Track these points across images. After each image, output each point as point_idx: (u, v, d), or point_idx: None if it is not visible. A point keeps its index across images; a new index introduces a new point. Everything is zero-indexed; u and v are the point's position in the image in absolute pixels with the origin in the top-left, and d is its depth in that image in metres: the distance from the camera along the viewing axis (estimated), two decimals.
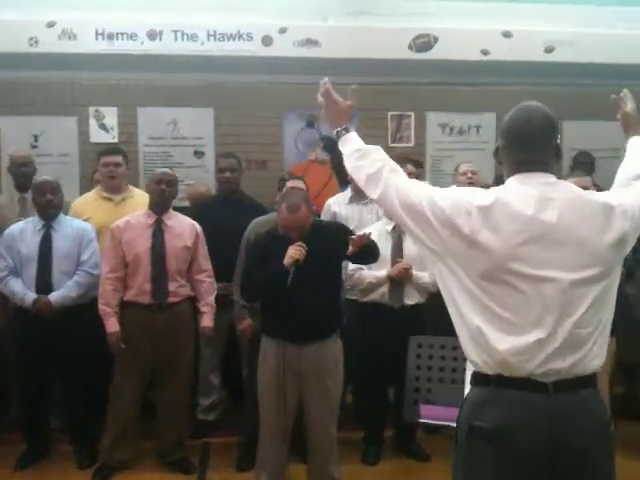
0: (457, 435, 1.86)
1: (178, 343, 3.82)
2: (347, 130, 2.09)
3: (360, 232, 3.32)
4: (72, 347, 3.77)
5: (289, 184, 3.90)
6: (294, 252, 3.13)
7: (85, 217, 4.17)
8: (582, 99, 5.76)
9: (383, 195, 1.91)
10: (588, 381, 1.79)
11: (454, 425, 2.61)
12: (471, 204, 1.78)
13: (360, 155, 2.01)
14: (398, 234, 3.97)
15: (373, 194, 1.95)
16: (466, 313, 1.80)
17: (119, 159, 4.39)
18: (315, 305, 3.19)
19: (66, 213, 4.12)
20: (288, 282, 3.08)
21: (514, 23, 5.66)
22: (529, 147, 1.86)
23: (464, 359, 2.70)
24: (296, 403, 3.36)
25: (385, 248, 3.82)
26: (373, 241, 3.37)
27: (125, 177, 4.47)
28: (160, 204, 3.87)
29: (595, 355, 1.79)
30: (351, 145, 2.05)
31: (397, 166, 1.97)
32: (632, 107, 2.30)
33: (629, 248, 1.88)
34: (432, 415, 2.73)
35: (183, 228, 3.91)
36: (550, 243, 1.76)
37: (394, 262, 3.92)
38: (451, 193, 1.88)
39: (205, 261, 3.97)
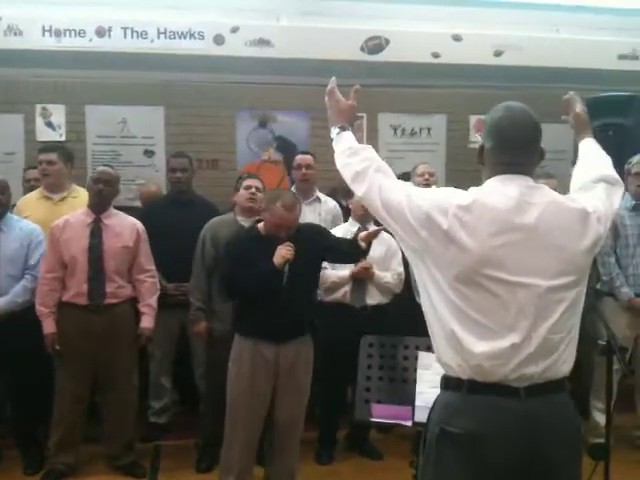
0: (426, 437, 1.85)
1: (118, 345, 3.73)
2: (343, 129, 2.11)
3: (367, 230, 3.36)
4: (16, 349, 3.65)
5: (245, 182, 3.90)
6: (286, 252, 3.15)
7: (25, 215, 4.07)
8: (530, 102, 5.85)
9: (367, 193, 1.92)
10: (559, 385, 1.81)
11: (406, 424, 2.65)
12: (450, 203, 1.77)
13: (350, 153, 2.02)
14: None
15: (358, 191, 1.95)
16: (442, 315, 1.79)
17: (52, 157, 4.25)
18: (298, 305, 3.24)
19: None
20: (284, 282, 3.14)
21: (464, 27, 5.75)
22: (517, 149, 1.86)
23: (415, 358, 2.74)
24: (268, 403, 3.35)
25: None
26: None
27: (63, 175, 4.29)
28: (98, 204, 3.79)
29: (565, 359, 1.81)
30: (344, 143, 2.07)
31: (384, 166, 1.97)
32: (582, 108, 2.34)
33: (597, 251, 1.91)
34: (383, 414, 2.74)
35: (123, 227, 3.84)
36: (528, 248, 1.76)
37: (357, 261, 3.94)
38: (431, 193, 1.89)
39: (147, 261, 3.90)
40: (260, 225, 3.39)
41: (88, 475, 3.83)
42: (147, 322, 3.84)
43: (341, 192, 4.65)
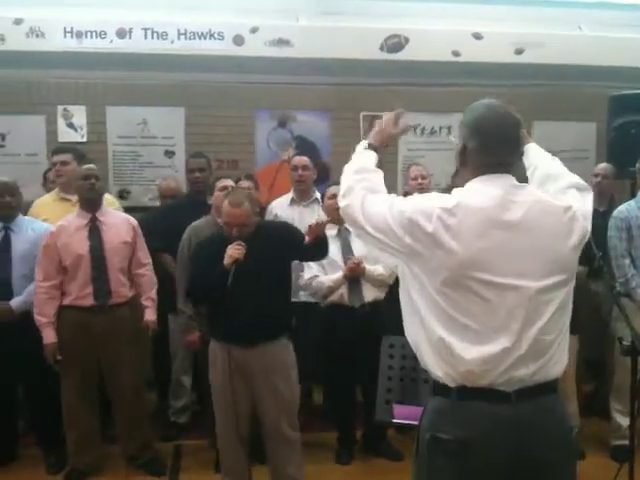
0: (418, 444, 1.85)
1: (119, 346, 3.71)
2: (372, 148, 2.12)
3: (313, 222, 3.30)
4: (32, 349, 3.64)
5: (221, 184, 3.91)
6: (233, 251, 3.10)
7: (42, 218, 4.08)
8: (551, 100, 5.83)
9: (350, 206, 1.92)
10: (550, 387, 1.79)
11: None
12: (433, 206, 1.76)
13: (357, 169, 2.02)
14: (344, 236, 3.99)
15: (341, 203, 1.96)
16: (429, 323, 1.77)
17: (66, 157, 4.25)
18: (259, 306, 3.15)
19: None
20: (228, 282, 3.03)
21: (485, 25, 5.71)
22: (503, 149, 1.84)
23: None
24: (249, 405, 3.32)
25: (334, 251, 3.84)
26: (325, 235, 3.36)
27: None
28: (91, 200, 3.75)
29: (557, 360, 1.80)
30: (361, 160, 2.07)
31: (378, 188, 1.96)
32: None
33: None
34: (405, 415, 2.72)
35: (119, 223, 3.83)
36: (515, 248, 1.74)
37: (346, 262, 3.93)
38: (413, 199, 1.87)
39: (144, 255, 3.90)
40: None
41: (109, 474, 3.86)
42: (151, 314, 3.85)
43: None
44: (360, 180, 1.96)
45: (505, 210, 1.76)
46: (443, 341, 1.75)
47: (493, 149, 1.83)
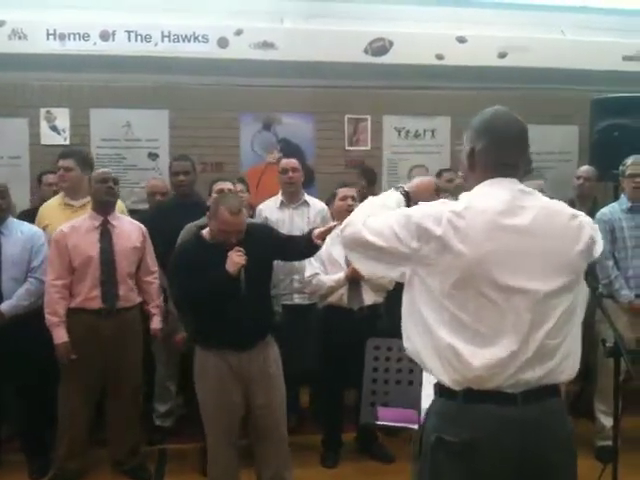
0: (422, 445, 1.83)
1: (125, 350, 3.72)
2: (400, 191, 2.09)
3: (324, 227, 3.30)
4: (20, 354, 3.62)
5: (218, 186, 3.87)
6: (238, 258, 3.07)
7: (46, 223, 4.05)
8: (534, 103, 5.87)
9: (349, 225, 1.88)
10: (554, 390, 1.80)
11: (412, 427, 2.63)
12: (442, 211, 1.75)
13: (376, 204, 1.99)
14: None
15: (345, 232, 1.90)
16: (436, 330, 1.76)
17: (69, 163, 4.19)
18: (255, 309, 3.15)
19: (14, 216, 4.00)
20: (242, 289, 3.03)
21: (468, 28, 5.75)
22: (510, 148, 1.85)
23: None
24: (242, 411, 3.30)
25: (338, 251, 3.82)
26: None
27: (81, 182, 4.19)
28: (107, 203, 3.75)
29: (565, 368, 1.80)
30: (385, 198, 2.05)
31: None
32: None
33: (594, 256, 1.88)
34: (389, 417, 2.73)
35: (130, 229, 3.84)
36: (523, 252, 1.74)
37: (349, 263, 3.93)
38: (420, 206, 1.85)
39: (153, 262, 3.91)
40: (205, 232, 3.27)
41: (95, 479, 3.83)
42: (158, 323, 3.86)
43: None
44: (370, 214, 1.91)
45: (513, 214, 1.76)
46: (452, 348, 1.73)
47: (503, 146, 1.84)
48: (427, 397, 2.53)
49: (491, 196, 1.79)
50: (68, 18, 5.23)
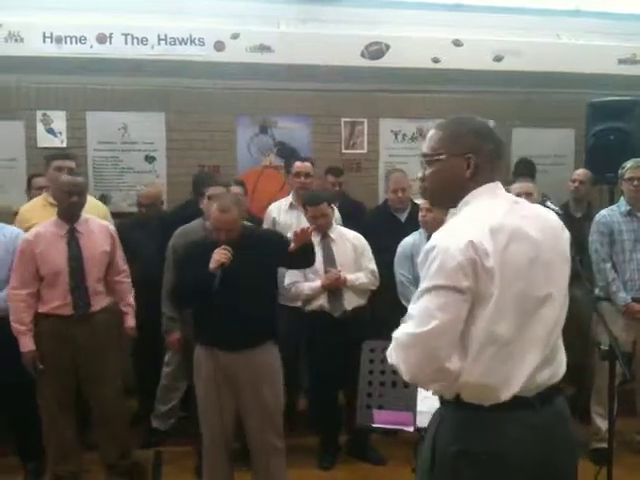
0: (433, 457, 1.78)
1: (100, 354, 3.66)
2: None
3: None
4: (7, 354, 3.55)
5: (208, 192, 3.87)
6: (220, 256, 3.10)
7: (32, 223, 4.03)
8: (530, 106, 5.89)
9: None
10: (558, 389, 1.81)
11: (407, 430, 2.63)
12: (466, 244, 1.64)
13: None
14: (328, 244, 4.02)
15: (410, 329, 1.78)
16: (478, 355, 1.68)
17: (73, 164, 4.26)
18: (245, 311, 3.15)
19: (12, 219, 3.99)
20: (214, 285, 3.03)
21: (464, 32, 5.76)
22: (504, 156, 1.89)
23: None
24: (234, 413, 3.31)
25: (317, 259, 3.80)
26: (312, 243, 3.42)
27: None
28: (72, 215, 3.68)
29: (561, 361, 1.83)
30: None
31: None
32: None
33: None
34: (385, 420, 2.73)
35: (98, 232, 3.77)
36: (543, 262, 1.74)
37: (326, 272, 3.95)
38: (446, 259, 1.68)
39: (122, 261, 3.88)
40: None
41: None
42: (131, 321, 3.84)
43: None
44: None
45: (524, 225, 1.74)
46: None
47: (502, 155, 1.87)
48: (424, 399, 2.55)
49: (496, 208, 1.75)
50: (64, 21, 5.22)
